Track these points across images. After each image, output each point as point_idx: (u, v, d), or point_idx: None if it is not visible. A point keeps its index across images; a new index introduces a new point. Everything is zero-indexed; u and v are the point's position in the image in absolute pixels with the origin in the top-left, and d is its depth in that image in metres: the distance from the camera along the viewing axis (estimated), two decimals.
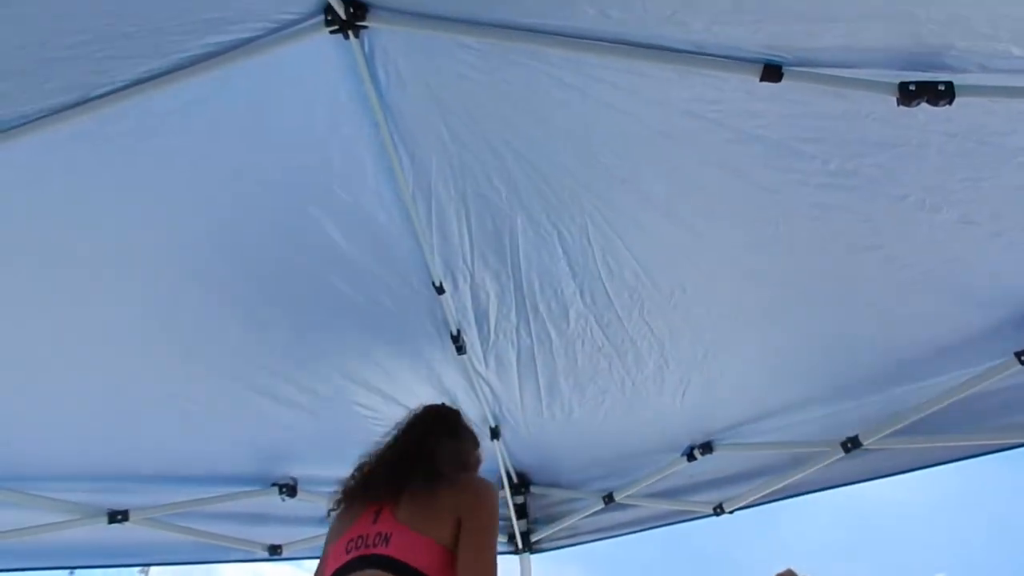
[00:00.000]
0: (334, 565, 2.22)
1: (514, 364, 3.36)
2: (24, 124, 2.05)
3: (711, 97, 2.10)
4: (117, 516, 3.61)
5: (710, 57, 1.98)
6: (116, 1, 1.82)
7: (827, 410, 3.35)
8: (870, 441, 3.25)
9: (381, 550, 2.15)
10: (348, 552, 2.20)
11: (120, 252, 2.57)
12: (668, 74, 2.06)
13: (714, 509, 3.92)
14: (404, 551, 2.12)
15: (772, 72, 1.96)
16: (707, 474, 3.87)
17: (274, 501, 3.82)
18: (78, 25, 1.83)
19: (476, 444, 2.67)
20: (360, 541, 2.21)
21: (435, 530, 2.16)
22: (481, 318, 3.15)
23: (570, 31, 2.00)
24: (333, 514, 2.49)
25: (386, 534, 2.18)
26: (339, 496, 2.51)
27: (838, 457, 3.39)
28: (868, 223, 2.44)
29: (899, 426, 3.15)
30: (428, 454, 2.49)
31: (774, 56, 1.94)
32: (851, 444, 3.31)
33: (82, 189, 2.35)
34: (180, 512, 3.76)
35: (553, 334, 3.14)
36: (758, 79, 1.97)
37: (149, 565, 5.66)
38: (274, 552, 4.13)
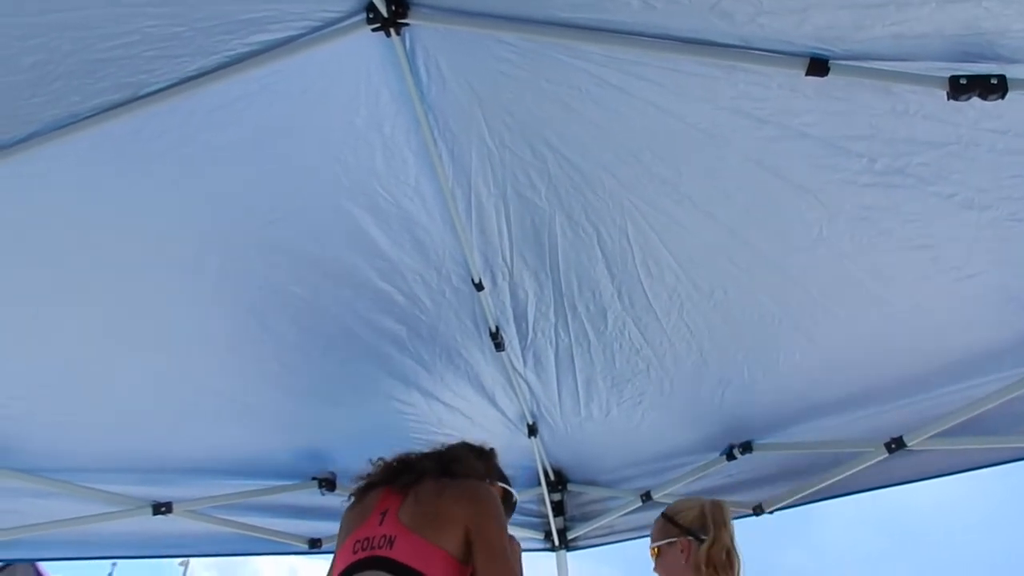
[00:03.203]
0: (342, 564, 2.26)
1: (552, 362, 3.35)
2: (76, 123, 2.09)
3: (756, 95, 2.07)
4: (161, 508, 3.66)
5: (756, 51, 1.95)
6: (163, 3, 1.84)
7: (870, 410, 3.29)
8: (915, 442, 3.18)
9: (385, 552, 2.17)
10: (355, 552, 2.24)
11: (167, 249, 2.61)
12: (713, 71, 2.04)
13: (753, 509, 3.87)
14: (407, 554, 2.15)
15: (818, 66, 1.92)
16: (746, 474, 3.83)
17: (314, 495, 3.85)
18: (127, 27, 1.86)
19: (503, 478, 2.64)
20: (367, 542, 2.24)
21: (440, 538, 2.18)
22: (520, 316, 3.14)
23: (613, 26, 1.98)
24: (345, 507, 2.53)
25: (390, 537, 2.20)
26: (354, 489, 2.55)
27: (881, 458, 3.32)
28: (915, 223, 2.39)
29: (946, 427, 3.08)
30: (449, 457, 2.52)
31: (820, 49, 1.91)
32: (895, 444, 3.23)
33: (130, 186, 2.38)
34: (222, 505, 3.80)
35: (591, 334, 3.13)
36: (804, 73, 1.94)
37: (191, 556, 5.75)
38: (314, 546, 4.16)
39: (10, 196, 2.27)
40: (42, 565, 17.95)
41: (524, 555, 2.42)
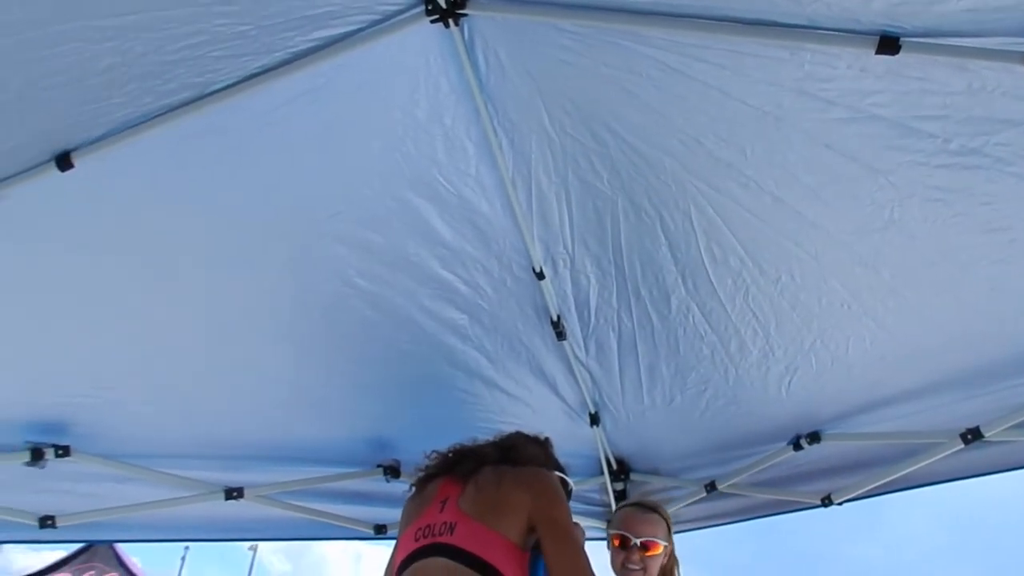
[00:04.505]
0: (404, 552, 2.28)
1: (614, 350, 3.33)
2: (146, 122, 2.15)
3: (823, 75, 2.02)
4: (233, 493, 3.75)
5: (822, 31, 1.90)
6: (228, 3, 1.88)
7: (944, 399, 3.18)
8: (992, 432, 3.07)
9: (446, 539, 2.19)
10: (416, 540, 2.26)
11: (235, 243, 2.67)
12: (778, 52, 2.00)
13: (822, 500, 3.78)
14: (468, 541, 2.16)
15: (889, 44, 1.86)
16: (814, 464, 3.74)
17: (379, 482, 3.91)
18: (195, 27, 1.91)
19: (559, 467, 2.64)
20: (428, 530, 2.26)
21: (501, 524, 2.19)
22: (582, 304, 3.13)
23: (674, 9, 1.95)
24: (407, 497, 2.56)
25: (451, 523, 2.23)
26: (414, 480, 2.58)
27: (957, 449, 3.21)
28: (991, 205, 2.30)
29: None
30: (507, 445, 2.53)
31: (891, 27, 1.85)
32: (971, 435, 3.13)
33: (199, 182, 2.45)
34: (291, 490, 3.88)
35: (655, 319, 3.09)
36: (873, 52, 1.88)
37: (261, 540, 5.90)
38: (379, 531, 4.22)
39: (89, 192, 2.33)
40: (119, 546, 18.71)
41: (587, 544, 2.42)
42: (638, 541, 2.82)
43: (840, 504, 3.76)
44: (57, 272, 2.60)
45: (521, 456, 2.50)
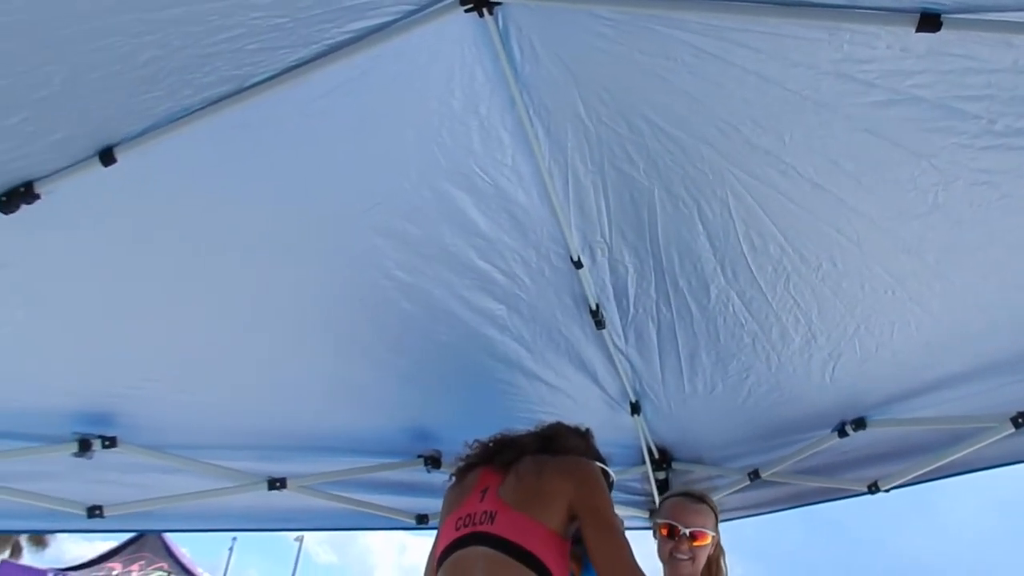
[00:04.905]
0: (445, 541, 2.30)
1: (654, 339, 3.31)
2: (187, 115, 2.17)
3: (862, 56, 1.98)
4: (276, 483, 3.79)
5: (861, 10, 1.86)
6: None
7: (993, 383, 3.11)
8: None
9: (487, 528, 2.21)
10: (457, 529, 2.28)
11: (276, 235, 2.69)
12: (815, 33, 1.96)
13: (868, 487, 3.73)
14: (508, 529, 2.17)
15: (929, 21, 1.81)
16: (860, 451, 3.69)
17: (420, 472, 3.93)
18: (232, 20, 1.92)
19: (600, 458, 2.63)
20: (468, 519, 2.28)
21: (542, 513, 2.20)
22: (620, 292, 3.12)
23: None
24: (447, 487, 2.57)
25: (491, 512, 2.24)
26: (455, 469, 2.59)
27: (1007, 433, 3.15)
28: None
29: None
30: (548, 434, 2.54)
31: (931, 3, 1.80)
32: (1022, 419, 3.08)
33: (239, 175, 2.47)
34: (333, 480, 3.92)
35: (694, 308, 3.07)
36: (914, 30, 1.83)
37: (304, 530, 5.98)
38: (421, 521, 4.26)
39: (132, 188, 2.37)
40: (168, 537, 19.13)
41: (629, 533, 2.42)
42: (687, 531, 2.82)
43: (887, 491, 3.71)
44: (102, 266, 2.64)
45: (562, 446, 2.51)
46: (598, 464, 2.52)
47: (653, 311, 3.17)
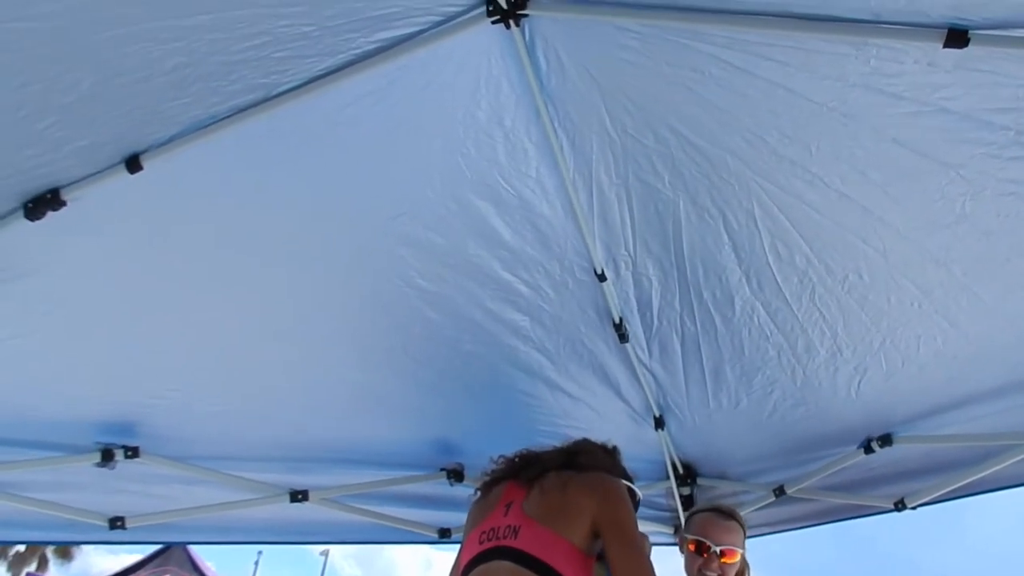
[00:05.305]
0: (468, 555, 2.30)
1: (678, 352, 3.29)
2: (214, 123, 2.20)
3: (890, 70, 1.98)
4: (298, 496, 3.79)
5: (888, 25, 1.87)
6: (295, 2, 1.92)
7: (1022, 399, 3.07)
8: None
9: (510, 542, 2.20)
10: (481, 543, 2.28)
11: (300, 244, 2.72)
12: (842, 48, 1.96)
13: (895, 504, 3.68)
14: (532, 544, 2.17)
15: (957, 37, 1.81)
16: (886, 467, 3.64)
17: (443, 486, 3.93)
18: (259, 28, 1.95)
19: (627, 476, 2.60)
20: (492, 533, 2.28)
21: (566, 529, 2.19)
22: (644, 305, 3.11)
23: (735, 6, 1.94)
24: (472, 501, 2.57)
25: (515, 527, 2.23)
26: (480, 484, 2.59)
27: None
28: None
29: None
30: (574, 450, 2.53)
31: (959, 19, 1.80)
32: None
33: (265, 183, 2.50)
34: (355, 493, 3.92)
35: (719, 321, 3.06)
36: (941, 46, 1.84)
37: (327, 543, 5.99)
38: (444, 535, 4.24)
39: (158, 195, 2.40)
40: (194, 550, 19.18)
41: (654, 549, 2.41)
42: (717, 548, 2.80)
43: (914, 508, 3.66)
44: (127, 274, 2.67)
45: (588, 462, 2.49)
46: (624, 482, 2.51)
47: (677, 324, 3.15)
